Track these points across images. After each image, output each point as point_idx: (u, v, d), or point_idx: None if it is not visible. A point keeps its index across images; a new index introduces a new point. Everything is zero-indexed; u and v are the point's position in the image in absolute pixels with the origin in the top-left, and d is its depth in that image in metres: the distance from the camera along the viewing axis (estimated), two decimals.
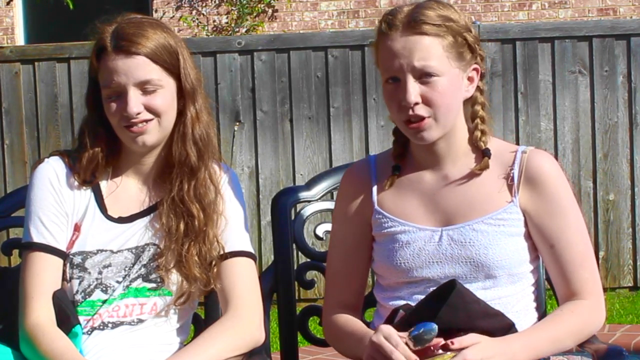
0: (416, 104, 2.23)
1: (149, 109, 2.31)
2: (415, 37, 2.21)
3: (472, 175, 2.33)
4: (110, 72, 2.29)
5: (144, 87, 2.30)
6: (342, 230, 2.45)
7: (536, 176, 2.30)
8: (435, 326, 2.10)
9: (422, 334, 2.10)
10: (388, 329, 2.15)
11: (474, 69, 2.30)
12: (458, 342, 2.10)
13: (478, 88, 2.33)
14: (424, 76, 2.22)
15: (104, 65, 2.30)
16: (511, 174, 2.31)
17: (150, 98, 2.31)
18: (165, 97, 2.33)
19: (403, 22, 2.23)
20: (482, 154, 2.33)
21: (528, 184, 2.30)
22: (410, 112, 2.23)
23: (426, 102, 2.23)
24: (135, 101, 2.29)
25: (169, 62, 2.33)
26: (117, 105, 2.30)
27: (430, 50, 2.22)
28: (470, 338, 2.12)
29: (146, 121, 2.31)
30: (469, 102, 2.34)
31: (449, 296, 2.15)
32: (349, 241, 2.43)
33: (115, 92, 2.30)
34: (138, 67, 2.29)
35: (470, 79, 2.31)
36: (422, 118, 2.24)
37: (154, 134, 2.34)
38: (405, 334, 2.12)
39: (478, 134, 2.32)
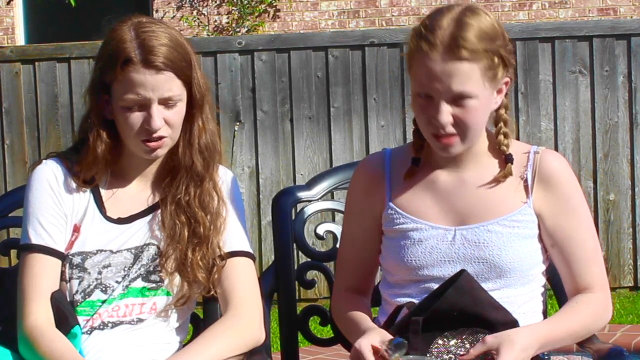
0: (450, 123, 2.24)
1: (167, 122, 2.32)
2: (456, 63, 2.19)
3: (491, 180, 2.33)
4: (135, 85, 2.27)
5: (167, 102, 2.30)
6: (352, 223, 2.46)
7: (549, 177, 2.32)
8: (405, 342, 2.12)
9: (399, 345, 2.11)
10: (372, 338, 2.17)
11: (505, 82, 2.30)
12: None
13: (506, 94, 2.33)
14: (459, 99, 2.22)
15: (127, 76, 2.27)
16: (525, 175, 2.33)
17: (171, 112, 2.31)
18: (182, 111, 2.34)
19: (444, 44, 2.19)
20: (505, 160, 2.33)
21: (542, 185, 2.32)
22: (442, 132, 2.24)
23: (458, 121, 2.24)
24: (159, 117, 2.29)
25: (187, 75, 2.33)
26: (137, 117, 2.30)
27: (469, 76, 2.20)
28: (493, 342, 2.13)
29: (163, 137, 2.32)
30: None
31: (457, 280, 2.19)
32: (359, 234, 2.43)
33: (137, 104, 2.29)
34: (165, 84, 2.29)
35: (499, 91, 2.30)
36: (452, 135, 2.25)
37: (167, 147, 2.36)
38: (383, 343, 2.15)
39: (501, 137, 2.33)
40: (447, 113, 2.22)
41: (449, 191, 2.35)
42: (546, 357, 2.42)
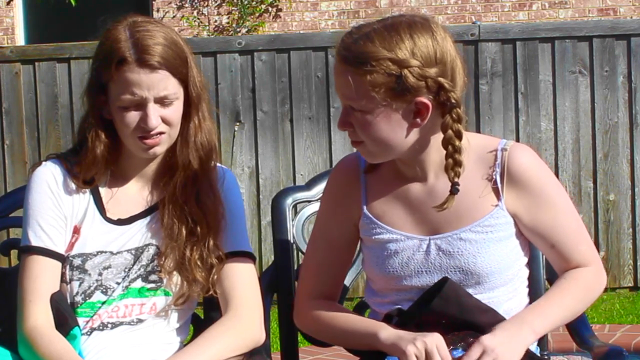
0: (348, 129, 2.25)
1: (164, 121, 2.32)
2: (345, 72, 2.19)
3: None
4: (130, 84, 2.27)
5: (163, 100, 2.30)
6: (328, 225, 2.42)
7: (519, 175, 2.26)
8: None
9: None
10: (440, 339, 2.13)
11: (419, 103, 2.18)
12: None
13: (451, 116, 2.19)
14: (353, 110, 2.21)
15: (122, 76, 2.27)
16: (494, 176, 2.27)
17: (167, 110, 2.31)
18: (179, 109, 2.34)
19: (338, 51, 2.21)
20: (450, 190, 2.21)
21: (512, 185, 2.27)
22: (351, 136, 2.26)
23: (357, 131, 2.23)
24: (156, 115, 2.29)
25: (183, 73, 2.33)
26: (134, 116, 2.29)
27: (353, 86, 2.17)
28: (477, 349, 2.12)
29: (160, 133, 2.32)
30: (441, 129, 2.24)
31: (442, 289, 2.17)
32: (335, 236, 2.40)
33: (133, 103, 2.29)
34: (160, 82, 2.28)
35: (418, 113, 2.19)
36: (357, 142, 2.25)
37: (165, 144, 2.35)
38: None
39: (450, 162, 2.22)
40: (344, 119, 2.23)
41: (420, 201, 2.30)
42: (546, 357, 2.42)
